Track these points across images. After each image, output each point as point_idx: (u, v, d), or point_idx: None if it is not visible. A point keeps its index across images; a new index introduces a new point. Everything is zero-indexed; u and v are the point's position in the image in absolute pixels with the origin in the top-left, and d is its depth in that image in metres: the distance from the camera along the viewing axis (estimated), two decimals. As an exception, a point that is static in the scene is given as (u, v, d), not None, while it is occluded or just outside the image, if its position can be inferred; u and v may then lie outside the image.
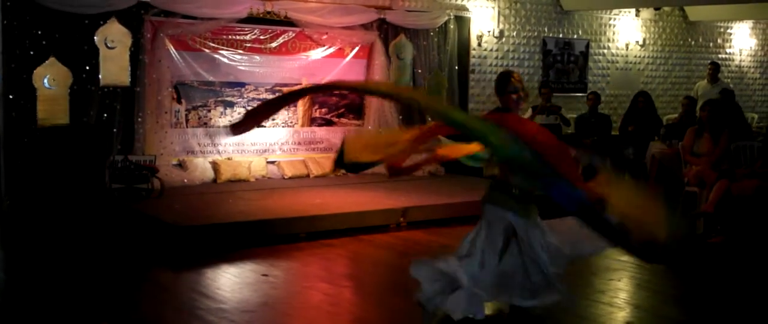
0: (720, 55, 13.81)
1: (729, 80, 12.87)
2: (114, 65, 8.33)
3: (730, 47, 14.12)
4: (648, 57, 13.08)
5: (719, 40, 14.00)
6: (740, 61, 14.25)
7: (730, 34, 14.12)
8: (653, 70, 13.19)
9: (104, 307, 5.21)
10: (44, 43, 7.98)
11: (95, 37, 8.20)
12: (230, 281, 5.97)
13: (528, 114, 10.88)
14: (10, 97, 7.88)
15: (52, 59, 8.01)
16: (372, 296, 5.79)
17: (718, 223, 7.60)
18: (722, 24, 14.01)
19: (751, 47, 14.34)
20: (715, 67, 11.84)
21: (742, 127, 9.05)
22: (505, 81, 4.72)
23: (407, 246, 7.20)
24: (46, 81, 7.98)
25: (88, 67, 8.26)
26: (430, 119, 4.85)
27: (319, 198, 8.27)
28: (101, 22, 8.22)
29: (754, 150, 8.20)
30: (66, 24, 8.07)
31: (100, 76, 8.25)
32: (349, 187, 9.08)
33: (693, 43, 13.65)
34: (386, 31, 10.36)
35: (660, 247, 4.14)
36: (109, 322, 4.89)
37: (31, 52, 7.94)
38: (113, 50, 8.33)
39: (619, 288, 6.05)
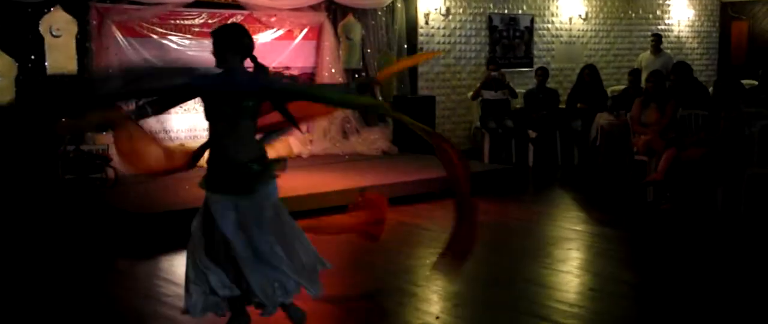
0: (660, 27, 14.12)
1: (669, 51, 13.17)
2: (60, 54, 8.18)
3: (669, 18, 14.44)
4: (591, 30, 13.31)
5: (658, 12, 14.31)
6: (679, 31, 14.59)
7: (669, 5, 14.44)
8: (596, 43, 13.43)
9: (69, 297, 5.16)
10: (-13, 32, 7.81)
11: (40, 26, 8.04)
12: (194, 267, 5.95)
13: (476, 89, 11.03)
14: (-46, 89, 7.71)
15: (-4, 49, 7.84)
16: (336, 275, 5.80)
17: (668, 191, 7.83)
18: (661, -4, 14.35)
19: (688, 18, 14.68)
20: (657, 39, 12.13)
21: (702, 96, 9.28)
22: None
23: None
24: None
25: (33, 56, 8.09)
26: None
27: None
28: (46, 10, 8.07)
29: (698, 118, 8.44)
30: (9, 13, 7.88)
31: (46, 65, 8.09)
32: (304, 169, 9.09)
33: (633, 15, 13.92)
34: (334, 11, 10.36)
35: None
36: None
37: (-26, 43, 7.76)
38: (59, 38, 8.18)
39: (577, 257, 6.21)
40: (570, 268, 5.83)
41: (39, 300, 5.15)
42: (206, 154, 4.31)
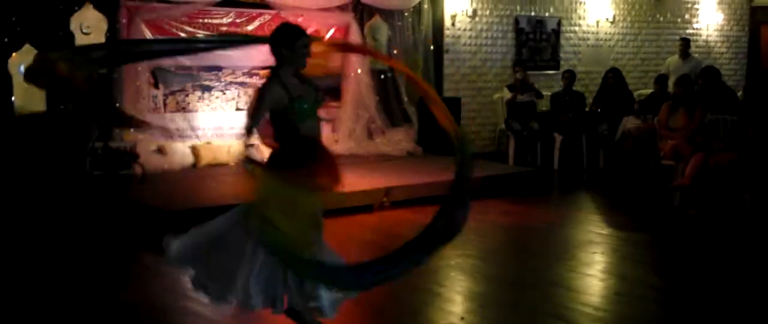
0: (688, 31, 14.01)
1: (697, 55, 13.06)
2: (90, 51, 8.25)
3: (697, 22, 14.31)
4: (618, 34, 13.23)
5: (687, 16, 14.19)
6: (708, 36, 14.46)
7: (697, 9, 14.32)
8: (623, 47, 13.34)
9: (95, 292, 5.22)
10: (19, 29, 7.90)
11: (70, 23, 8.13)
12: (220, 264, 5.99)
13: (504, 93, 11.01)
14: (-14, 85, 7.82)
15: (27, 46, 7.94)
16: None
17: (695, 196, 7.76)
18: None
19: (717, 22, 14.54)
20: (685, 43, 12.02)
21: (730, 101, 9.20)
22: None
23: (392, 225, 7.27)
24: (22, 68, 7.89)
25: (64, 54, 8.17)
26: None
27: (301, 180, 8.28)
28: (76, 8, 8.16)
29: (727, 123, 8.37)
30: (41, 10, 7.98)
31: (77, 63, 8.17)
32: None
33: (661, 18, 13.82)
34: (361, 12, 10.39)
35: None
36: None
37: (6, 39, 7.86)
38: (89, 36, 8.27)
39: (602, 260, 6.18)
40: (595, 271, 5.80)
41: (66, 294, 5.21)
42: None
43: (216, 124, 9.47)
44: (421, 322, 4.78)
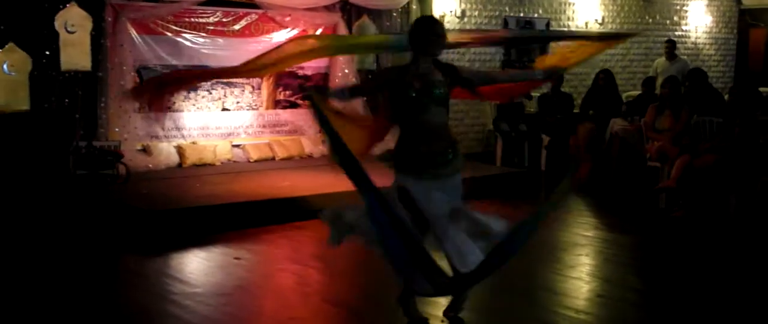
0: (676, 33, 14.03)
1: (686, 57, 13.08)
2: (75, 50, 8.21)
3: (686, 24, 14.34)
4: (607, 35, 13.22)
5: (675, 18, 14.21)
6: (696, 37, 14.49)
7: (686, 11, 14.34)
8: (612, 48, 13.33)
9: (76, 294, 5.18)
10: (2, 28, 7.84)
11: (55, 22, 8.07)
12: (202, 265, 5.97)
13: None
14: (-31, 83, 7.75)
15: (10, 45, 7.88)
16: (344, 277, 5.82)
17: (680, 198, 7.76)
18: (678, 1, 14.22)
19: (706, 24, 14.57)
20: (671, 45, 12.06)
21: (717, 103, 9.22)
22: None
23: (377, 226, 7.23)
24: (5, 67, 7.86)
25: (48, 52, 8.13)
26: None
27: (287, 180, 8.27)
28: (61, 6, 8.09)
29: (713, 125, 8.38)
30: (24, 9, 7.92)
31: (61, 61, 8.13)
32: (315, 169, 9.08)
33: (650, 20, 13.83)
34: (349, 11, 10.35)
35: None
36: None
37: (-11, 38, 7.81)
38: (74, 35, 8.20)
39: (587, 262, 6.18)
40: (580, 273, 5.79)
41: (47, 296, 5.17)
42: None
43: (202, 123, 9.43)
44: (402, 325, 4.74)
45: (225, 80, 9.53)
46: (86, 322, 4.74)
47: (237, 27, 9.54)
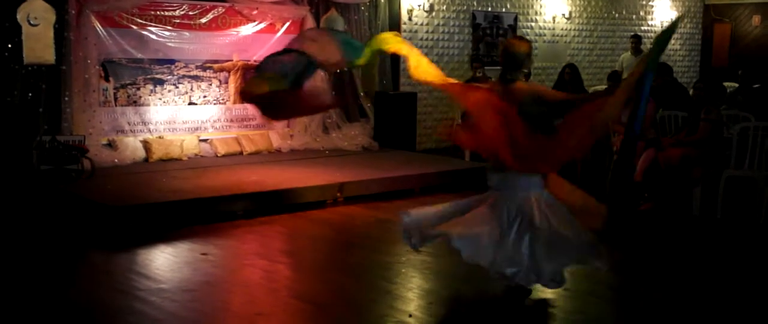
0: (642, 28, 14.17)
1: (651, 52, 13.19)
2: (38, 43, 8.08)
3: (651, 19, 14.49)
4: (574, 30, 13.33)
5: (641, 13, 14.35)
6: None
7: (652, 6, 14.49)
8: (579, 43, 13.45)
9: (40, 290, 5.10)
10: (-36, 20, 7.72)
11: (17, 14, 7.94)
12: (168, 261, 5.91)
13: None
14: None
15: (-28, 37, 7.74)
16: (312, 272, 5.80)
17: (646, 191, 7.84)
18: (644, -3, 14.39)
19: (671, 19, 14.73)
20: (637, 40, 12.17)
21: (682, 97, 9.31)
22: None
23: (345, 221, 7.23)
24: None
25: (10, 46, 8.00)
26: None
27: (255, 175, 8.21)
28: (23, -1, 7.96)
29: (678, 119, 8.46)
30: (-15, 1, 7.80)
31: (23, 55, 8.00)
32: (284, 163, 9.05)
33: (617, 15, 13.96)
34: (317, 5, 10.31)
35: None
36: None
37: (-49, 30, 7.66)
38: (36, 27, 8.08)
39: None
40: (546, 267, 5.81)
41: (10, 292, 5.09)
42: None
43: (168, 118, 9.33)
44: (369, 320, 4.74)
45: (192, 74, 9.45)
46: (50, 319, 4.67)
47: (204, 20, 9.45)
